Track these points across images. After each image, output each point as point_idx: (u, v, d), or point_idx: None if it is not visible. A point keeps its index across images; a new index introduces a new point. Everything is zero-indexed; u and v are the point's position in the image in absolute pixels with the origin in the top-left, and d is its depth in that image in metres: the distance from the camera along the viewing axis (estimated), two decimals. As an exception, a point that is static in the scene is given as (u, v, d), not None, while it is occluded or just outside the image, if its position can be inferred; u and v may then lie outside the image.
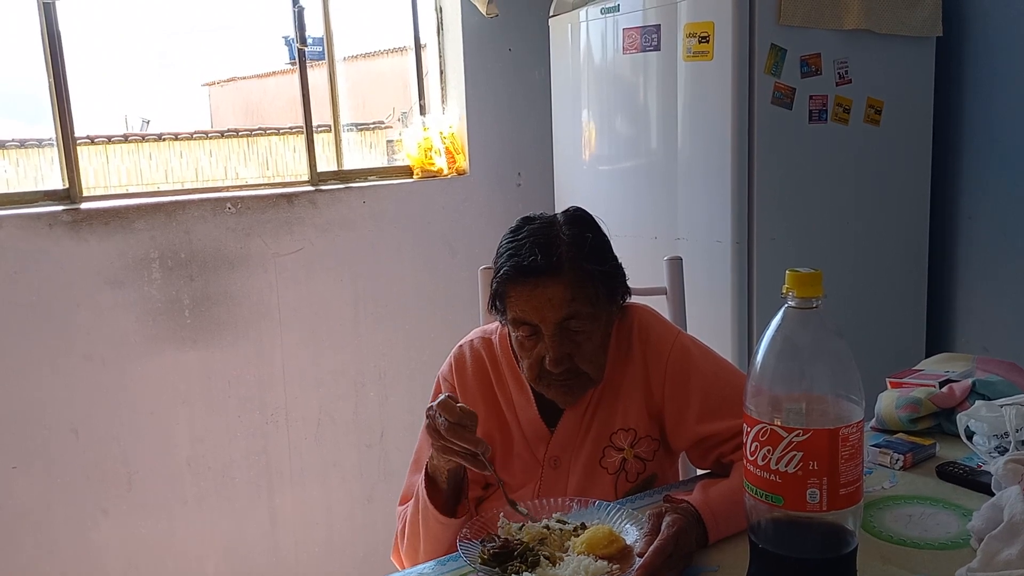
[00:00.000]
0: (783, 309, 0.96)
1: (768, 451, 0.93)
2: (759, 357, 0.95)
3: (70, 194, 2.53)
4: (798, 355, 0.96)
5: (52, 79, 2.48)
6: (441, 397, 1.26)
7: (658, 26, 2.51)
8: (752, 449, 0.95)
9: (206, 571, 2.77)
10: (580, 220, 1.43)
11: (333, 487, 2.97)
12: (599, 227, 1.45)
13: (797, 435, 0.91)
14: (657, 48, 2.52)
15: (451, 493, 1.37)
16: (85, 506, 2.57)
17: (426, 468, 1.37)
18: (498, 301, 1.42)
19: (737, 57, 2.36)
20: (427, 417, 1.28)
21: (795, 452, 0.92)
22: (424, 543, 1.39)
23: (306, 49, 2.86)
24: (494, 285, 1.41)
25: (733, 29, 2.34)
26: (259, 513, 2.85)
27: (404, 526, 1.45)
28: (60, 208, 2.48)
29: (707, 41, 2.39)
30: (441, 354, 1.60)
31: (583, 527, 1.24)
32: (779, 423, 0.92)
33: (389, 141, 3.47)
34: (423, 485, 1.36)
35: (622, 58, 2.64)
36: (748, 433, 0.95)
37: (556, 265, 1.35)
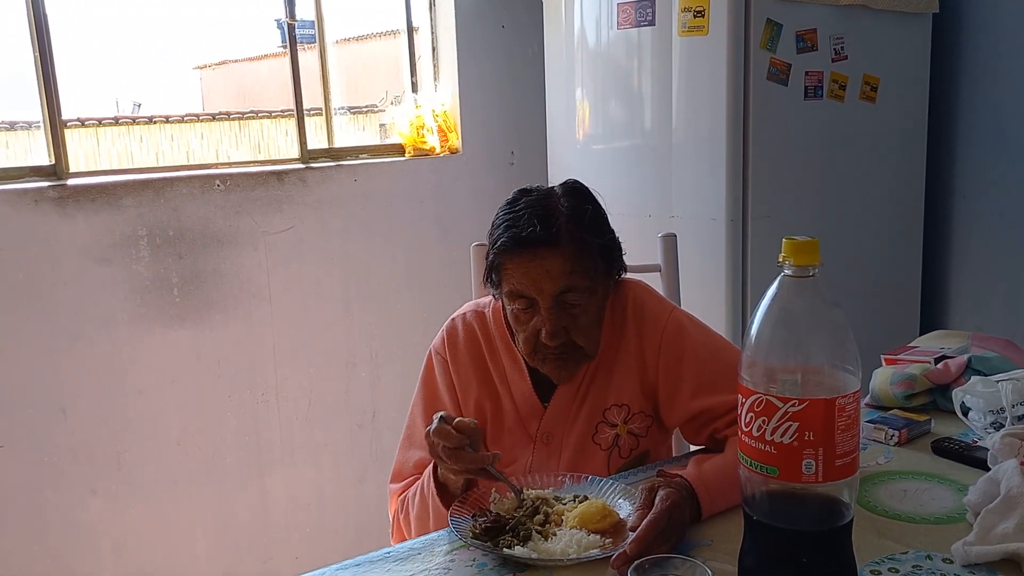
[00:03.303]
0: (779, 278, 0.94)
1: (763, 422, 0.91)
2: (755, 326, 0.93)
3: (56, 170, 2.49)
4: (794, 324, 0.94)
5: (38, 56, 2.44)
6: (435, 422, 1.23)
7: (652, 0, 2.48)
8: (747, 420, 0.93)
9: (196, 552, 2.76)
10: (578, 192, 1.42)
11: (324, 467, 2.95)
12: (597, 200, 1.43)
13: (793, 405, 0.89)
14: (652, 23, 2.49)
15: (463, 492, 1.34)
16: (74, 486, 2.55)
17: (436, 475, 1.33)
18: (494, 274, 1.40)
19: (732, 32, 2.34)
20: (427, 443, 1.25)
21: (791, 422, 0.90)
22: None
23: (295, 24, 2.83)
24: (490, 257, 1.39)
25: (728, 3, 2.32)
26: (250, 493, 2.83)
27: (407, 516, 1.42)
28: (46, 184, 2.44)
29: (702, 16, 2.36)
30: (432, 334, 1.58)
31: (581, 499, 1.23)
32: (775, 393, 0.91)
33: (381, 124, 3.44)
34: (435, 494, 1.32)
35: (616, 33, 2.61)
36: (743, 404, 0.94)
37: (555, 236, 1.33)
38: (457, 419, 1.24)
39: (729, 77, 2.36)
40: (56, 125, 2.48)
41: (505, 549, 1.12)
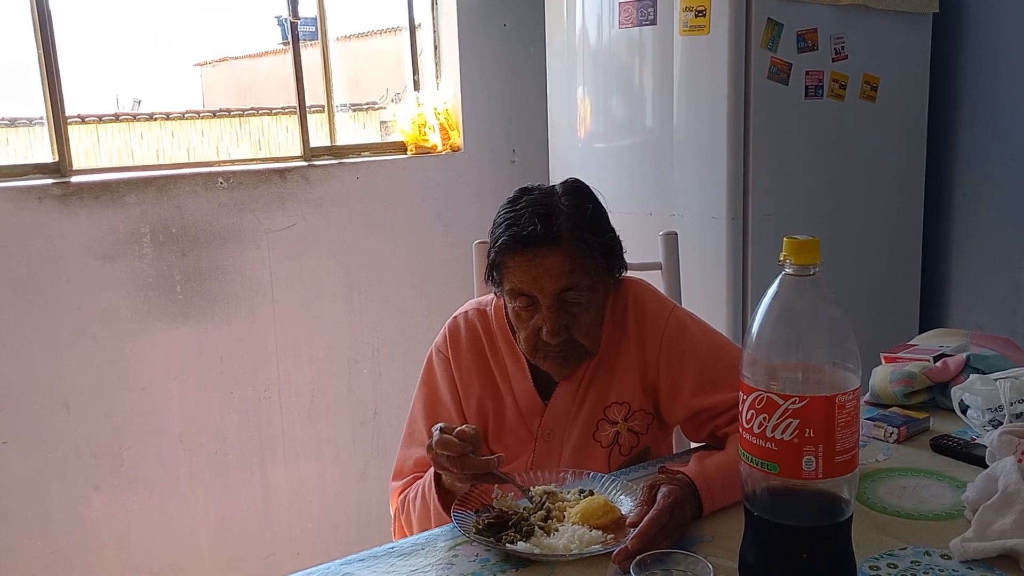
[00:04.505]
0: (780, 276, 0.95)
1: (764, 418, 0.92)
2: (756, 324, 0.94)
3: (60, 167, 2.50)
4: (795, 323, 0.95)
5: (42, 52, 2.44)
6: (435, 434, 1.23)
7: None
8: (748, 417, 0.94)
9: (199, 547, 2.77)
10: (579, 191, 1.42)
11: (326, 463, 2.96)
12: (597, 199, 1.44)
13: (793, 402, 0.90)
14: (653, 22, 2.50)
15: None
16: (77, 482, 2.56)
17: (438, 483, 1.33)
18: (495, 272, 1.41)
19: (734, 31, 2.34)
20: (429, 455, 1.25)
21: (791, 419, 0.91)
22: None
23: (298, 22, 2.83)
24: (491, 255, 1.40)
25: (730, 2, 2.33)
26: (252, 489, 2.84)
27: (408, 516, 1.43)
28: (50, 182, 2.45)
29: (704, 15, 2.37)
30: (434, 331, 1.59)
31: (588, 493, 1.25)
32: (776, 390, 0.92)
33: (382, 122, 3.45)
34: (436, 500, 1.32)
35: (618, 32, 2.62)
36: (744, 401, 0.95)
37: (555, 235, 1.34)
38: (457, 428, 1.24)
39: (730, 76, 2.36)
40: (59, 122, 2.49)
41: (508, 544, 1.13)
